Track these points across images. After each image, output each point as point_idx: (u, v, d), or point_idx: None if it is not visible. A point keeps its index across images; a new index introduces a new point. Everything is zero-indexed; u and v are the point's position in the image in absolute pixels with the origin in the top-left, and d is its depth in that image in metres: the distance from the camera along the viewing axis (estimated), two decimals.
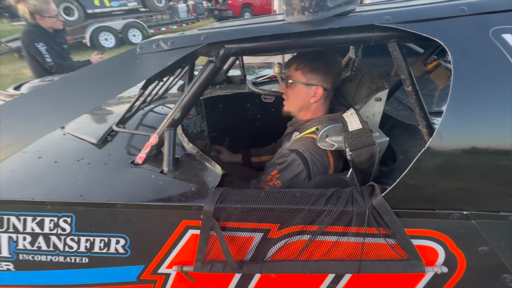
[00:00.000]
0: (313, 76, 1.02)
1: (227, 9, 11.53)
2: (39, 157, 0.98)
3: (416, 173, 0.63)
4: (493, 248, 0.68)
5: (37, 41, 2.18)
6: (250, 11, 11.87)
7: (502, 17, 0.60)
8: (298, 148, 0.95)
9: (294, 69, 1.04)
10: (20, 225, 0.84)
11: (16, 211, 0.83)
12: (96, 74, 0.78)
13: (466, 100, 0.58)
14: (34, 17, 2.17)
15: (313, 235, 0.72)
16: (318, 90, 1.03)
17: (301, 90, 1.04)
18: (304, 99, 1.05)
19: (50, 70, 2.31)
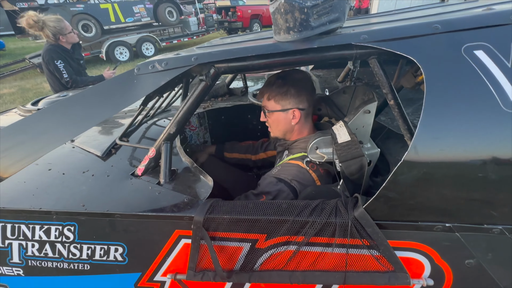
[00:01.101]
0: (286, 101, 1.05)
1: (236, 21, 11.83)
2: (49, 169, 1.06)
3: (394, 185, 0.64)
4: (479, 261, 0.68)
5: (56, 59, 2.35)
6: (259, 22, 12.14)
7: (474, 34, 0.62)
8: (285, 178, 0.96)
9: (266, 99, 1.08)
10: (29, 233, 0.91)
11: (26, 220, 0.90)
12: (98, 93, 0.86)
13: (439, 115, 0.59)
14: (57, 38, 2.36)
15: (299, 245, 0.74)
16: (295, 112, 1.05)
17: (280, 117, 1.08)
18: (285, 123, 1.08)
19: (66, 85, 2.47)
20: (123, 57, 8.56)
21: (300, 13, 0.77)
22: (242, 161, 1.54)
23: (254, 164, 1.54)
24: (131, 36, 8.79)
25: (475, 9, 0.87)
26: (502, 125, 0.57)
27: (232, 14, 11.86)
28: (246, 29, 12.26)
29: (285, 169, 1.01)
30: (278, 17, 0.82)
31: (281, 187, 0.94)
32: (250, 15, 11.91)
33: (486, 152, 0.59)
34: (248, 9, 11.86)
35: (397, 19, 0.99)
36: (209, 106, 1.69)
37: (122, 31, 8.83)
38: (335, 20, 0.82)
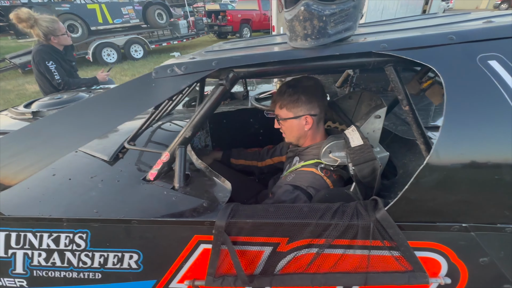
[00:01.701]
0: (297, 109, 1.07)
1: (226, 25, 11.86)
2: (54, 174, 1.02)
3: (416, 188, 0.67)
4: (493, 259, 0.71)
5: (48, 60, 2.27)
6: (249, 26, 12.22)
7: (487, 45, 0.66)
8: (301, 185, 0.98)
9: (279, 108, 1.11)
10: (36, 241, 0.87)
11: (33, 228, 0.86)
12: (115, 96, 0.84)
13: (459, 120, 0.63)
14: (49, 38, 2.27)
15: (321, 248, 0.76)
16: (308, 118, 1.08)
17: (293, 124, 1.10)
18: (298, 130, 1.11)
19: (58, 87, 2.39)
20: (110, 58, 8.36)
21: (319, 21, 0.80)
22: (248, 168, 1.54)
23: (260, 171, 1.55)
24: (119, 38, 8.60)
25: (477, 21, 0.93)
26: None
27: (222, 18, 11.88)
28: (236, 33, 12.31)
29: (300, 176, 1.02)
30: (296, 24, 0.83)
31: (298, 194, 0.95)
32: (240, 19, 11.97)
33: (500, 156, 0.63)
34: (238, 13, 11.93)
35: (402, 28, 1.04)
36: None
37: (109, 33, 8.63)
38: (349, 28, 0.86)
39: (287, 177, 1.06)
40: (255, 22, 12.30)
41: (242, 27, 12.06)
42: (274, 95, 1.15)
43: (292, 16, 0.84)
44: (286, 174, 1.12)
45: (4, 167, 0.80)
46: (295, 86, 1.09)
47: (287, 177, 1.07)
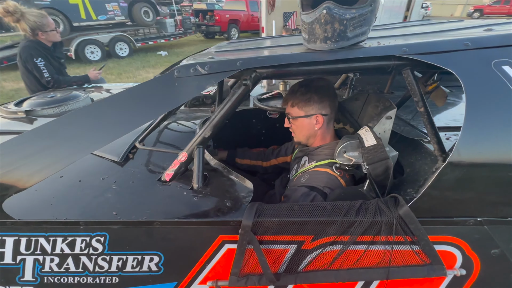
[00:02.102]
0: (309, 108, 1.10)
1: (214, 25, 11.78)
2: (61, 176, 0.97)
3: (438, 184, 0.71)
4: (503, 251, 0.77)
5: (36, 56, 2.15)
6: (237, 27, 12.21)
7: (500, 51, 0.71)
8: (318, 186, 1.00)
9: (290, 106, 1.13)
10: (49, 246, 0.83)
11: (46, 232, 0.82)
12: (135, 96, 0.81)
13: (478, 121, 0.68)
14: (36, 33, 2.16)
15: (345, 245, 0.78)
16: (319, 118, 1.10)
17: (304, 122, 1.12)
18: (308, 129, 1.13)
19: (47, 85, 2.27)
20: (94, 56, 8.05)
21: (340, 24, 0.82)
22: (252, 167, 1.55)
23: (264, 171, 1.55)
24: (103, 35, 8.31)
25: (477, 28, 0.99)
26: None
27: (210, 17, 11.79)
28: (224, 33, 12.26)
29: (315, 177, 1.04)
30: (316, 26, 0.85)
31: (315, 195, 0.97)
32: (228, 19, 11.94)
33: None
34: (226, 13, 11.89)
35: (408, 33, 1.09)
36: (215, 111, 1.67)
37: (93, 29, 8.31)
38: (365, 32, 0.89)
39: (301, 179, 1.07)
40: (243, 23, 12.32)
41: (230, 27, 12.03)
42: (286, 94, 1.17)
43: (312, 19, 0.85)
44: (298, 175, 1.13)
45: (18, 168, 0.76)
46: (307, 86, 1.11)
47: (300, 178, 1.08)
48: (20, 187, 0.76)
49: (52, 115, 1.67)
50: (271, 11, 7.62)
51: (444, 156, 0.79)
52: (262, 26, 7.60)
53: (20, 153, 0.76)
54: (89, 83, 2.50)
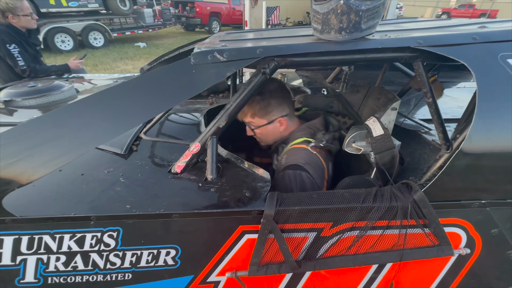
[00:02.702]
0: (270, 115, 1.10)
1: (195, 17, 11.45)
2: (60, 170, 0.91)
3: (451, 170, 0.76)
4: (501, 230, 0.84)
5: (9, 43, 1.96)
6: (218, 20, 11.97)
7: (505, 46, 0.77)
8: (298, 163, 0.99)
9: (250, 117, 1.12)
10: (54, 244, 0.77)
11: (52, 229, 0.76)
12: (150, 83, 0.77)
13: (489, 110, 0.73)
14: (6, 16, 1.96)
15: (362, 230, 0.81)
16: (281, 120, 1.12)
17: (268, 129, 1.13)
18: (274, 133, 1.15)
19: (22, 74, 2.08)
20: (65, 46, 7.51)
21: (355, 16, 0.83)
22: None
23: None
24: (75, 23, 7.75)
25: (471, 26, 1.06)
26: None
27: (190, 9, 11.43)
28: (205, 26, 11.97)
29: (294, 153, 1.04)
30: (332, 17, 0.86)
31: (300, 174, 0.96)
32: (209, 12, 11.67)
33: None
34: (207, 5, 11.60)
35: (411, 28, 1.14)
36: (214, 102, 1.64)
37: (63, 17, 7.72)
38: (375, 25, 0.91)
39: (281, 161, 1.07)
40: (225, 15, 12.10)
41: (211, 20, 11.77)
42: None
43: (328, 9, 0.86)
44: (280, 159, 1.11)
45: (21, 160, 0.69)
46: (261, 93, 1.08)
47: (281, 161, 1.07)
48: (24, 181, 0.69)
49: (34, 106, 1.54)
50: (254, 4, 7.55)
51: (448, 144, 0.84)
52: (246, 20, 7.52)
53: (24, 143, 0.69)
54: (70, 73, 2.33)
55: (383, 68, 1.57)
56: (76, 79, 2.29)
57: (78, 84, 2.12)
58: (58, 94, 1.63)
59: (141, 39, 9.72)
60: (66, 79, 2.08)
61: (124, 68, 6.36)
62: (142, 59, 7.22)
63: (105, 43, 8.40)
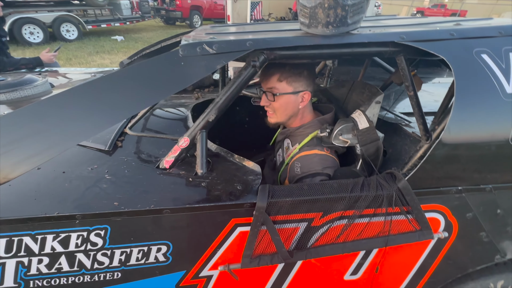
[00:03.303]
0: (299, 83, 1.03)
1: (175, 10, 11.11)
2: (38, 168, 0.86)
3: (431, 160, 0.80)
4: (475, 214, 0.91)
5: None
6: (199, 14, 11.70)
7: (480, 41, 0.82)
8: (316, 171, 0.97)
9: (277, 81, 1.02)
10: (36, 246, 0.73)
11: (33, 230, 0.72)
12: (137, 75, 0.74)
13: (465, 103, 0.78)
14: None
15: (351, 219, 0.84)
16: (305, 95, 1.05)
17: (290, 100, 1.03)
18: (293, 107, 1.06)
19: None
20: (34, 38, 7.02)
21: (342, 10, 0.85)
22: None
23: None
24: (45, 14, 7.26)
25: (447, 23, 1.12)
26: (502, 111, 0.79)
27: (170, 2, 11.07)
28: (186, 20, 11.66)
29: (308, 163, 1.01)
30: (319, 11, 0.87)
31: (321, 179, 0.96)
32: (190, 5, 11.36)
33: (489, 131, 0.81)
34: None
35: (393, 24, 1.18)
36: (200, 97, 1.61)
37: (31, 6, 7.20)
38: (360, 20, 0.94)
39: (294, 169, 1.02)
40: (206, 9, 11.84)
41: (192, 14, 11.48)
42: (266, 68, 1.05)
43: (315, 3, 0.87)
44: (290, 165, 1.07)
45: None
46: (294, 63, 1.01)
47: (293, 169, 1.03)
48: (1, 179, 0.65)
49: (3, 102, 1.43)
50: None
51: (427, 135, 0.89)
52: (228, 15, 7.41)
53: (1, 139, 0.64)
54: (42, 66, 2.18)
55: (365, 63, 1.62)
56: (50, 73, 2.16)
57: (52, 78, 1.99)
58: (31, 89, 1.53)
59: (118, 32, 9.29)
60: (38, 72, 1.95)
61: (101, 62, 6.06)
62: (120, 53, 6.92)
63: (79, 35, 7.95)
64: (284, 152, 1.19)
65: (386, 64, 1.76)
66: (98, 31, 8.92)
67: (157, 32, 10.28)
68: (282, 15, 11.50)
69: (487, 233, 0.95)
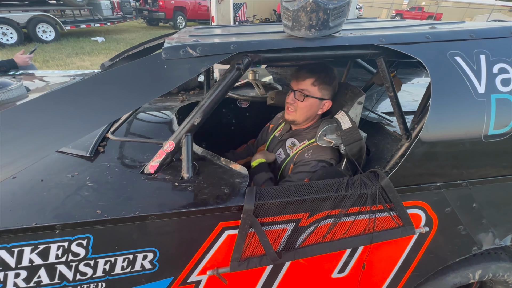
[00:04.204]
0: (327, 91, 1.13)
1: (158, 11, 10.92)
2: (14, 177, 0.82)
3: (411, 158, 0.83)
4: (453, 208, 0.95)
5: None
6: (183, 15, 11.57)
7: (453, 44, 0.86)
8: (325, 159, 1.08)
9: (310, 84, 1.10)
10: (12, 260, 0.70)
11: (8, 243, 0.68)
12: (118, 79, 0.72)
13: (441, 102, 0.81)
14: None
15: (337, 217, 0.85)
16: (327, 103, 1.14)
17: (314, 104, 1.12)
18: (314, 111, 1.15)
19: None
20: (7, 39, 6.68)
21: (324, 14, 0.87)
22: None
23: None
24: (18, 14, 6.92)
25: (423, 26, 1.17)
26: (475, 110, 0.83)
27: (152, 3, 10.87)
28: (170, 21, 11.50)
29: (319, 151, 1.10)
30: (302, 14, 0.89)
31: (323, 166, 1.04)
32: (174, 6, 11.22)
33: (464, 129, 0.85)
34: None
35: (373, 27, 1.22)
36: (185, 100, 1.59)
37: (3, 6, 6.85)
38: (341, 23, 0.96)
39: (304, 154, 1.11)
40: (190, 10, 11.73)
41: (176, 15, 11.34)
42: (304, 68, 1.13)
43: (298, 6, 0.88)
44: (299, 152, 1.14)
45: None
46: (331, 69, 1.12)
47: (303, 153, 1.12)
48: None
49: None
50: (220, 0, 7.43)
51: (407, 134, 0.92)
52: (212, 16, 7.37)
53: None
54: (17, 69, 2.08)
55: (348, 65, 1.66)
56: (25, 76, 2.06)
57: (28, 81, 1.91)
58: (5, 93, 1.46)
59: (99, 33, 9.01)
60: (13, 76, 1.86)
61: (80, 64, 5.85)
62: (101, 54, 6.71)
63: (57, 36, 7.64)
64: (287, 149, 1.22)
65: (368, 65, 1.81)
66: (77, 32, 8.60)
67: (140, 33, 10.05)
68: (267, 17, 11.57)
69: (465, 226, 0.99)
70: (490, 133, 0.86)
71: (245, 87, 1.94)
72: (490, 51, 0.86)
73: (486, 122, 0.85)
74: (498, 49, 0.87)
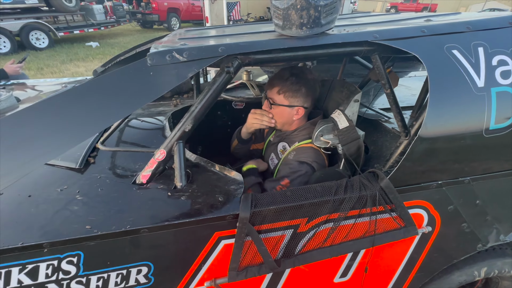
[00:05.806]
0: (294, 99, 1.11)
1: (151, 13, 10.85)
2: (0, 193, 0.79)
3: (411, 156, 0.81)
4: (456, 206, 0.92)
5: None
6: (177, 16, 11.50)
7: (450, 37, 0.83)
8: (306, 161, 1.05)
9: (276, 93, 1.12)
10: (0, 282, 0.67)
11: None
12: (102, 88, 0.69)
13: (440, 98, 0.78)
14: None
15: (336, 221, 0.83)
16: (300, 110, 1.13)
17: (284, 111, 1.13)
18: (287, 117, 1.15)
19: None
20: (0, 48, 6.63)
21: (315, 11, 0.84)
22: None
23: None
24: (11, 22, 6.87)
25: (419, 19, 1.14)
26: (474, 105, 0.80)
27: (146, 5, 10.80)
28: (164, 23, 11.43)
29: (302, 152, 1.09)
30: (292, 12, 0.85)
31: (305, 168, 1.02)
32: (167, 8, 11.15)
33: (464, 124, 0.82)
34: (165, 1, 11.06)
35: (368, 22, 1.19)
36: (179, 104, 1.56)
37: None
38: (333, 20, 0.93)
39: (289, 156, 1.12)
40: (184, 11, 11.65)
41: (169, 16, 11.27)
42: (273, 77, 1.14)
43: (288, 5, 0.85)
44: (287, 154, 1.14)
45: None
46: (298, 76, 1.11)
47: (288, 156, 1.12)
48: None
49: None
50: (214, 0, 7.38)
51: (406, 131, 0.90)
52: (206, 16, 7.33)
53: None
54: (7, 79, 2.05)
55: (343, 61, 1.63)
56: (16, 85, 2.03)
57: (19, 91, 1.87)
58: None
59: (93, 38, 8.96)
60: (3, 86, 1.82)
61: (75, 70, 5.81)
62: (96, 60, 6.67)
63: (50, 43, 7.59)
64: (279, 154, 1.22)
65: (364, 61, 1.78)
66: (71, 37, 8.54)
67: (134, 36, 10.00)
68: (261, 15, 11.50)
69: (468, 224, 0.97)
70: (491, 127, 0.83)
71: (239, 88, 1.91)
72: (488, 43, 0.83)
73: (487, 117, 0.82)
74: (497, 41, 0.84)
